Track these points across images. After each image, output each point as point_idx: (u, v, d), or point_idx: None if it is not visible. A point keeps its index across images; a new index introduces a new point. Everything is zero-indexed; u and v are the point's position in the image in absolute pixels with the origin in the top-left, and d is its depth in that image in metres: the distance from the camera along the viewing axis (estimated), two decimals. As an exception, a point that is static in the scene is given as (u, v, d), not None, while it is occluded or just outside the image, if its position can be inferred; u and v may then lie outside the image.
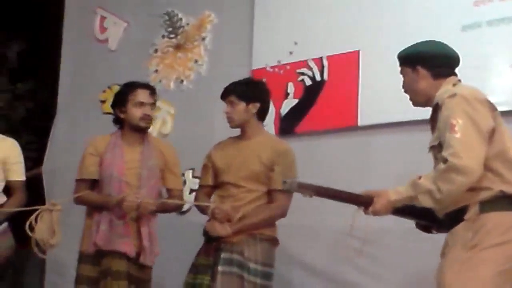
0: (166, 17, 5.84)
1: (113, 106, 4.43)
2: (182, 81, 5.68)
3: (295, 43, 5.07)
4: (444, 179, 2.94)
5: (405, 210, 3.16)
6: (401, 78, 3.30)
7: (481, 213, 2.96)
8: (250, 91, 4.21)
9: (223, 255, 4.00)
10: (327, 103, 4.87)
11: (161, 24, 5.84)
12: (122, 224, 4.14)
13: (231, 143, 4.28)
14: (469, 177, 2.92)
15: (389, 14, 4.68)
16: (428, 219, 3.21)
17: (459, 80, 3.23)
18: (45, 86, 7.25)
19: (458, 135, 2.94)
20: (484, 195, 2.97)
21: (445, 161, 2.95)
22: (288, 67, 5.08)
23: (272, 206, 4.10)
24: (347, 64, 4.79)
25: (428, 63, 3.20)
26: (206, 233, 4.09)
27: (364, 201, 3.20)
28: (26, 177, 4.74)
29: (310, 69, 4.97)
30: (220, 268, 3.97)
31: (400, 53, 3.33)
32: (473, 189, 2.97)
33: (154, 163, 4.27)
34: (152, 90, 4.35)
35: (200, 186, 4.36)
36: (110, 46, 6.16)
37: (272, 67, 5.15)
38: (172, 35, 5.80)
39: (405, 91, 3.31)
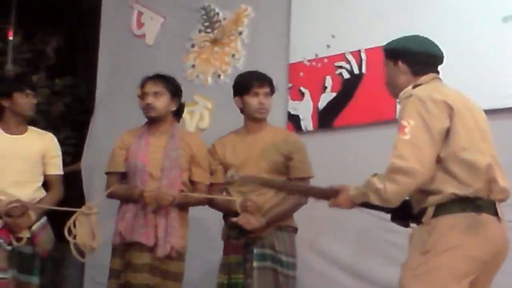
0: (203, 12, 5.84)
1: None
2: (219, 75, 5.68)
3: (333, 36, 5.04)
4: (389, 179, 2.96)
5: (371, 204, 3.15)
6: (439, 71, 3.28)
7: (434, 216, 2.96)
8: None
9: (256, 250, 4.02)
10: (365, 97, 4.85)
11: (197, 19, 5.84)
12: (144, 214, 4.16)
13: (236, 138, 4.28)
14: (414, 178, 2.92)
15: (429, 6, 4.63)
16: (400, 213, 3.17)
17: (439, 78, 3.20)
18: (83, 81, 7.30)
19: (407, 137, 2.95)
20: (437, 198, 2.96)
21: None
22: (325, 60, 5.05)
23: None
24: (386, 57, 4.75)
25: (410, 60, 3.21)
26: (235, 229, 4.03)
27: (324, 194, 3.26)
28: (65, 172, 4.79)
29: (348, 62, 4.94)
30: (255, 264, 3.99)
31: (385, 45, 3.36)
32: (428, 192, 2.97)
33: (177, 155, 4.26)
34: (153, 78, 4.35)
35: (212, 184, 4.30)
36: (147, 41, 6.17)
37: (309, 60, 5.13)
38: (209, 30, 5.80)
39: (385, 83, 3.33)
